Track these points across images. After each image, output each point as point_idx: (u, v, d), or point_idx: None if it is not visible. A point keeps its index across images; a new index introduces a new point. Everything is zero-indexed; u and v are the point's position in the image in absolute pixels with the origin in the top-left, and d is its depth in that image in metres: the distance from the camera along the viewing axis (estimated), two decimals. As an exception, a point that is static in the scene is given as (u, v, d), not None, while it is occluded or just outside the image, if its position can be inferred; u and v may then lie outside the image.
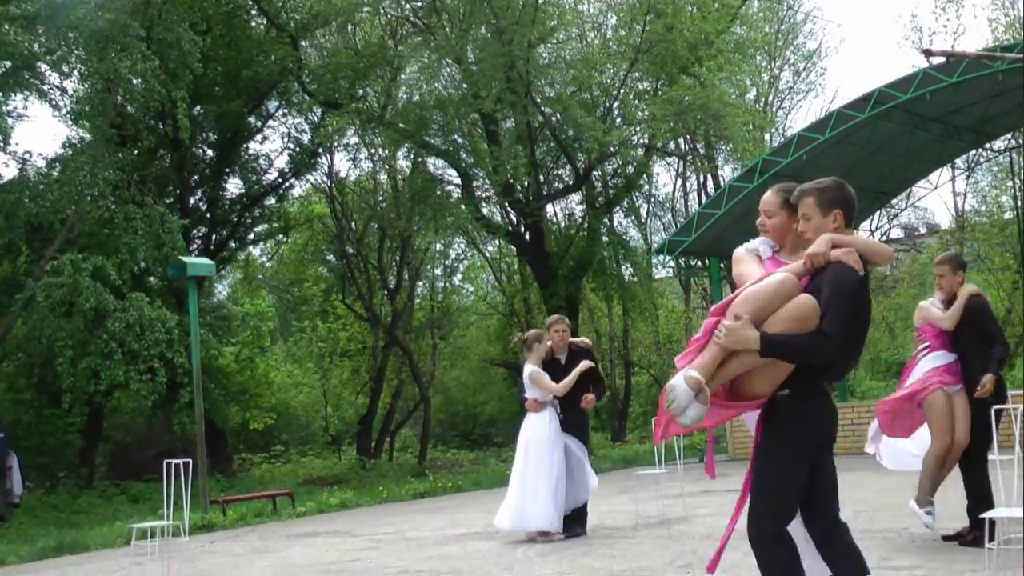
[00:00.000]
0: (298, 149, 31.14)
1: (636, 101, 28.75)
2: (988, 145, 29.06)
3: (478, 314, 43.50)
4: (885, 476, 16.49)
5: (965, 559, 8.07)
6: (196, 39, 23.26)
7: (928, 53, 20.21)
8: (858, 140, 22.43)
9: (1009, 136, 29.50)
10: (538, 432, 11.57)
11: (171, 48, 22.41)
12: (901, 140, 23.32)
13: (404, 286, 35.26)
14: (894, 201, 33.42)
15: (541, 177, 29.89)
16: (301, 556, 11.93)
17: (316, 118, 30.36)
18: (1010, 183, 35.49)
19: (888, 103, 20.87)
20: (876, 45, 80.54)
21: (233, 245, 31.20)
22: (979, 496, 8.74)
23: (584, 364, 11.57)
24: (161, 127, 27.11)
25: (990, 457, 8.14)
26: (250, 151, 30.87)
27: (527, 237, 29.69)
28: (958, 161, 33.38)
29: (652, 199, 38.70)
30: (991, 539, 6.86)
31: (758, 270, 5.47)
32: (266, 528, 16.13)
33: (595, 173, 30.05)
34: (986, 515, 6.86)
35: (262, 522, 17.15)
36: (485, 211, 30.85)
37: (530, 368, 11.60)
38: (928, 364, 9.09)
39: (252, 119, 29.77)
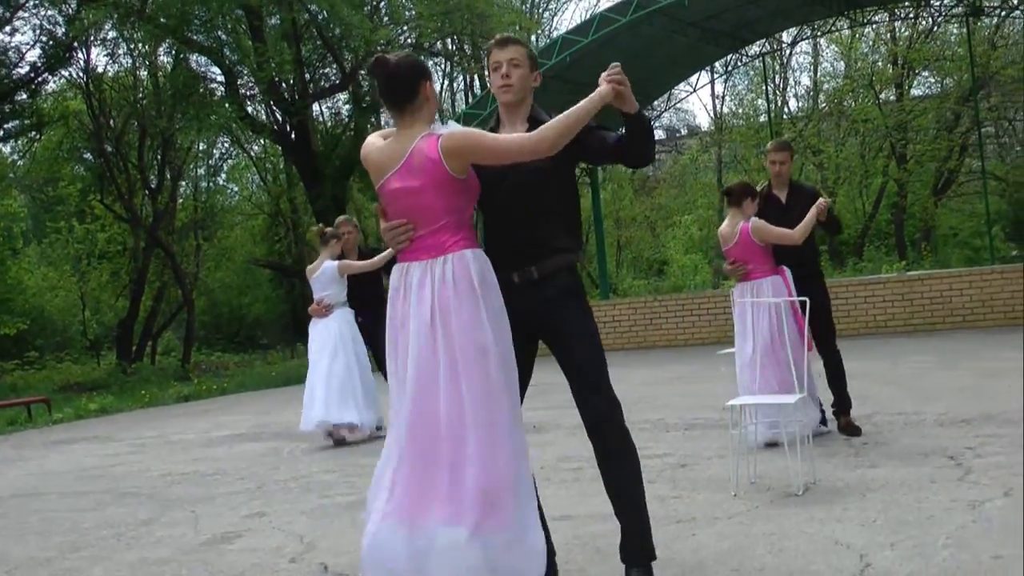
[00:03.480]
0: (51, 42, 29.79)
1: (403, 0, 28.50)
2: (744, 50, 29.91)
3: (243, 214, 42.82)
4: (643, 369, 17.16)
5: (714, 445, 8.45)
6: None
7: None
8: (620, 43, 22.78)
9: (763, 41, 30.44)
10: (336, 331, 11.21)
11: None
12: (662, 44, 23.84)
13: (166, 186, 34.39)
14: (656, 103, 34.08)
15: (307, 76, 29.44)
16: (59, 463, 11.62)
17: (71, 10, 28.98)
18: (764, 87, 36.80)
19: (649, 7, 21.28)
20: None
21: (-20, 142, 29.80)
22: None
23: (388, 253, 11.39)
24: None
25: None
26: (-2, 43, 29.37)
27: (293, 136, 29.24)
28: (717, 65, 34.41)
29: (419, 99, 38.54)
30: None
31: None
32: (20, 436, 15.65)
33: (362, 72, 29.74)
34: (730, 403, 7.17)
35: (16, 430, 16.61)
36: (250, 110, 30.26)
37: (333, 262, 11.14)
38: (787, 315, 7.66)
39: (0, 9, 28.22)
